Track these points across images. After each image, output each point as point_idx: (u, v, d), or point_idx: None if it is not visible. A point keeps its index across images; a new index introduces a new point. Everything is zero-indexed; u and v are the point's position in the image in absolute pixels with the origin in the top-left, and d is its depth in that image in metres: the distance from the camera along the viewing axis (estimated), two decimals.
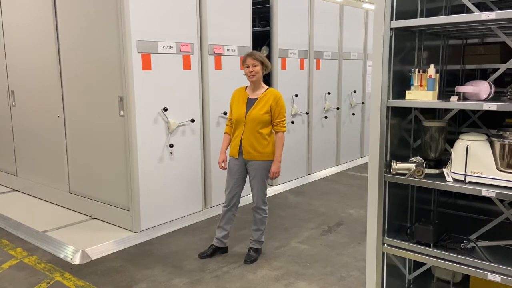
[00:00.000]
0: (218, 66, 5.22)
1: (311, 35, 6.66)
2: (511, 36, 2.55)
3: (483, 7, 2.81)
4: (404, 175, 2.51)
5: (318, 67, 6.87)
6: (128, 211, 4.60)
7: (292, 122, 6.41)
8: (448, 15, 2.89)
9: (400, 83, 2.59)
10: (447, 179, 2.41)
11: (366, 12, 7.97)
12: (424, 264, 2.91)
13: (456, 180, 2.40)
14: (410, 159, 2.62)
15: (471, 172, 2.35)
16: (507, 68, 2.52)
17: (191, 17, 4.84)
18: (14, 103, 6.03)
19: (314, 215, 5.23)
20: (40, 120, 5.62)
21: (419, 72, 2.50)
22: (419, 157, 2.61)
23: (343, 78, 7.49)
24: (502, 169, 2.28)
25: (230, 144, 3.98)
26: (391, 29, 2.46)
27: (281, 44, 6.14)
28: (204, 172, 5.23)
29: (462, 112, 3.10)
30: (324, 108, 7.09)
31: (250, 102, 3.85)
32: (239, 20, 5.46)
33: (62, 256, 4.12)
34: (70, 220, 4.96)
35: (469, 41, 3.19)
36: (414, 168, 2.47)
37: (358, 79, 7.95)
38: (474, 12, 2.25)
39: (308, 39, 6.64)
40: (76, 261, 4.01)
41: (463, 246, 2.47)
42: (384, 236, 2.65)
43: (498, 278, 2.27)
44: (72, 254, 4.10)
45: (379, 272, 2.69)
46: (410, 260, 3.01)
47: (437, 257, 2.46)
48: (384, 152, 2.55)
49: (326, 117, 7.17)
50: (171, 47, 4.64)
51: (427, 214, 3.10)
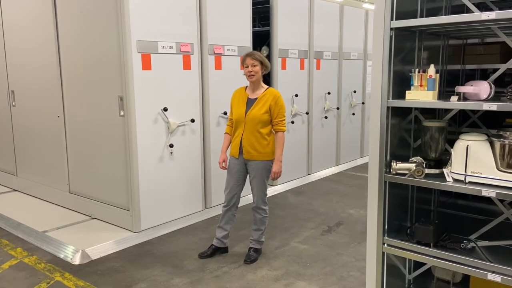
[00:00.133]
0: (218, 66, 5.22)
1: (311, 35, 6.66)
2: (511, 36, 2.55)
3: (483, 7, 2.82)
4: (404, 175, 2.51)
5: (318, 67, 6.87)
6: (128, 211, 4.60)
7: (292, 122, 6.41)
8: (448, 15, 2.89)
9: (400, 83, 2.59)
10: (447, 179, 2.41)
11: (366, 12, 7.97)
12: (424, 264, 2.91)
13: (456, 180, 2.40)
14: (410, 159, 2.62)
15: (471, 172, 2.35)
16: (507, 68, 2.52)
17: (191, 17, 4.84)
18: (14, 103, 6.03)
19: (314, 215, 5.24)
20: (40, 120, 5.62)
21: (419, 72, 2.50)
22: (419, 157, 2.61)
23: (343, 78, 7.49)
24: (502, 169, 2.28)
25: (231, 144, 3.98)
26: (391, 29, 2.46)
27: (281, 44, 6.14)
28: (204, 172, 5.23)
29: (462, 112, 3.10)
30: (324, 108, 7.09)
31: (250, 102, 3.85)
32: (239, 20, 5.46)
33: (62, 256, 4.12)
34: (70, 220, 4.96)
35: (469, 41, 3.19)
36: (414, 168, 2.47)
37: (358, 79, 7.95)
38: (474, 12, 2.25)
39: (308, 39, 6.64)
40: (76, 261, 4.01)
41: (463, 246, 2.47)
42: (384, 236, 2.65)
43: (498, 278, 2.27)
44: (72, 254, 4.10)
45: (379, 272, 2.69)
46: (410, 260, 3.01)
47: (437, 257, 2.46)
48: (384, 152, 2.55)
49: (326, 117, 7.17)
50: (171, 47, 4.64)
51: (427, 214, 3.10)
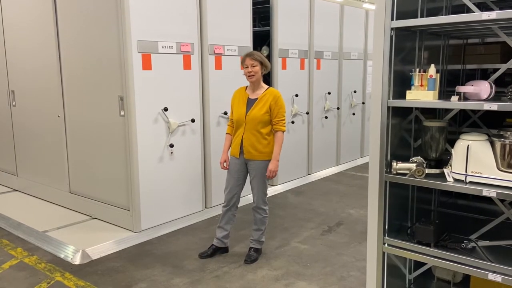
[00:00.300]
0: (219, 66, 5.22)
1: (311, 35, 6.65)
2: None
3: (483, 7, 2.81)
4: (404, 175, 2.51)
5: (319, 67, 6.87)
6: (129, 211, 4.60)
7: (292, 122, 6.41)
8: (448, 15, 2.89)
9: (400, 83, 2.59)
10: (448, 179, 2.41)
11: (366, 12, 7.97)
12: (424, 264, 2.91)
13: (456, 180, 2.40)
14: (411, 159, 2.62)
15: (472, 172, 2.35)
16: (508, 68, 2.52)
17: (192, 17, 4.84)
18: (14, 103, 6.03)
19: (314, 215, 5.23)
20: (40, 120, 5.62)
21: (419, 72, 2.50)
22: (419, 157, 2.60)
23: (344, 78, 7.49)
24: (503, 169, 2.28)
25: (231, 143, 3.98)
26: (392, 29, 2.46)
27: (281, 44, 6.14)
28: (204, 172, 5.23)
29: (462, 112, 3.10)
30: (324, 108, 7.09)
31: (250, 102, 3.85)
32: (239, 20, 5.46)
33: (62, 256, 4.12)
34: (70, 220, 4.96)
35: (469, 41, 3.19)
36: (415, 168, 2.47)
37: (358, 79, 7.95)
38: (474, 12, 2.25)
39: (309, 39, 6.64)
40: (77, 261, 4.01)
41: (463, 246, 2.47)
42: (384, 236, 2.64)
43: (498, 278, 2.27)
44: (72, 254, 4.10)
45: (379, 272, 2.69)
46: (410, 260, 3.01)
47: (437, 257, 2.46)
48: (385, 152, 2.55)
49: (326, 117, 7.17)
50: (172, 47, 4.64)
51: (427, 214, 3.10)
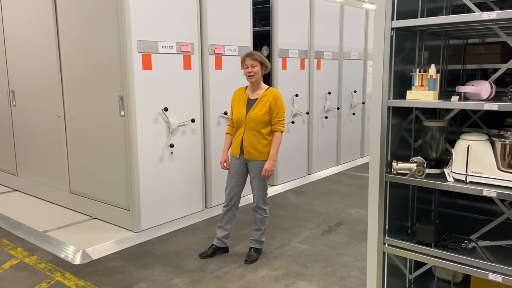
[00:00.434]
0: (219, 66, 5.21)
1: (312, 35, 6.65)
2: None
3: (484, 7, 2.81)
4: (405, 175, 2.51)
5: (319, 67, 6.87)
6: (129, 211, 4.60)
7: (293, 122, 6.41)
8: (449, 15, 2.89)
9: (400, 83, 2.59)
10: (448, 179, 2.41)
11: (367, 12, 7.97)
12: (425, 264, 2.91)
13: (457, 180, 2.40)
14: (411, 159, 2.61)
15: (472, 172, 2.35)
16: (508, 68, 2.52)
17: (192, 17, 4.84)
18: (14, 103, 6.03)
19: (315, 215, 5.23)
20: (40, 120, 5.62)
21: (420, 72, 2.50)
22: (420, 157, 2.60)
23: (344, 78, 7.49)
24: (503, 169, 2.28)
25: (232, 143, 3.98)
26: (392, 29, 2.46)
27: (281, 44, 6.14)
28: (204, 172, 5.23)
29: (463, 112, 3.09)
30: (325, 108, 7.09)
31: (250, 103, 3.85)
32: (239, 20, 5.46)
33: (62, 256, 4.12)
34: (70, 220, 4.96)
35: (469, 41, 3.19)
36: (415, 168, 2.47)
37: (358, 79, 7.95)
38: (475, 12, 2.25)
39: (309, 39, 6.64)
40: (77, 261, 4.01)
41: (464, 246, 2.47)
42: (385, 236, 2.64)
43: (499, 278, 2.27)
44: (72, 254, 4.10)
45: (379, 272, 2.69)
46: (411, 260, 3.01)
47: (438, 257, 2.46)
48: (385, 152, 2.55)
49: (326, 117, 7.17)
50: (172, 47, 4.64)
51: (428, 214, 3.10)
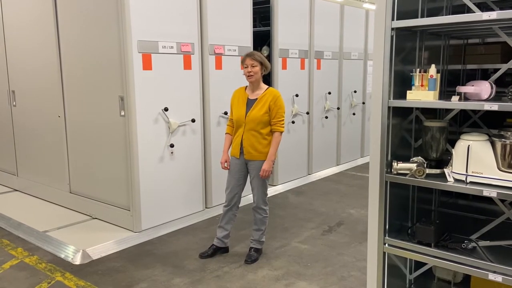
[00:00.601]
0: (219, 66, 5.22)
1: (312, 35, 6.65)
2: None
3: (484, 7, 2.81)
4: (405, 175, 2.51)
5: (319, 67, 6.87)
6: (129, 211, 4.60)
7: (293, 122, 6.41)
8: (449, 15, 2.89)
9: (401, 83, 2.59)
10: (448, 179, 2.41)
11: (367, 12, 7.97)
12: (425, 264, 2.91)
13: (457, 180, 2.40)
14: (411, 159, 2.61)
15: (472, 172, 2.35)
16: (508, 68, 2.52)
17: (192, 17, 4.84)
18: (14, 103, 6.04)
19: (315, 215, 5.23)
20: (40, 120, 5.62)
21: (420, 72, 2.50)
22: (420, 157, 2.60)
23: (344, 78, 7.49)
24: (503, 169, 2.28)
25: (232, 143, 3.98)
26: (392, 29, 2.46)
27: (281, 44, 6.14)
28: (204, 172, 5.23)
29: (463, 112, 3.10)
30: (325, 108, 7.09)
31: (249, 103, 3.85)
32: (239, 20, 5.46)
33: (63, 256, 4.12)
34: (70, 220, 4.96)
35: (470, 41, 3.19)
36: (415, 168, 2.47)
37: (358, 79, 7.95)
38: (475, 12, 2.25)
39: (309, 39, 6.64)
40: (77, 261, 4.01)
41: (464, 246, 2.47)
42: (385, 236, 2.64)
43: (499, 278, 2.27)
44: (72, 254, 4.10)
45: (380, 272, 2.69)
46: (411, 260, 3.01)
47: (438, 257, 2.46)
48: (385, 152, 2.55)
49: (326, 117, 7.17)
50: (172, 47, 4.64)
51: (428, 214, 3.10)
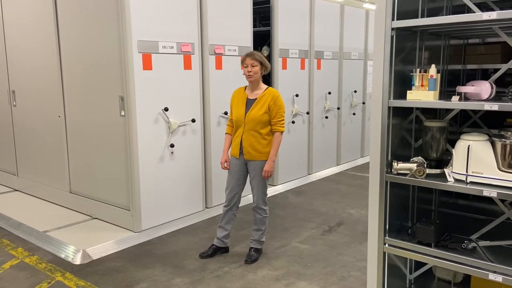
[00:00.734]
0: (219, 66, 5.22)
1: (312, 35, 6.65)
2: None
3: (484, 7, 2.81)
4: (405, 175, 2.51)
5: (319, 67, 6.87)
6: (129, 211, 4.60)
7: (293, 122, 6.41)
8: (449, 15, 2.89)
9: (401, 83, 2.59)
10: (449, 179, 2.41)
11: (367, 12, 7.97)
12: (425, 264, 2.91)
13: (457, 180, 2.40)
14: (411, 159, 2.62)
15: (473, 172, 2.35)
16: (508, 68, 2.52)
17: (192, 17, 4.84)
18: (15, 103, 6.04)
19: (315, 215, 5.23)
20: (41, 120, 5.62)
21: (420, 72, 2.50)
22: (420, 157, 2.61)
23: (344, 78, 7.49)
24: (504, 169, 2.28)
25: (231, 143, 3.98)
26: (392, 29, 2.46)
27: (281, 44, 6.14)
28: (205, 172, 5.23)
29: (463, 112, 3.10)
30: (325, 108, 7.09)
31: (249, 103, 3.85)
32: (239, 20, 5.46)
33: (63, 256, 4.13)
34: (71, 220, 4.96)
35: (470, 41, 3.19)
36: (415, 168, 2.47)
37: (358, 79, 7.95)
38: (475, 12, 2.25)
39: (309, 39, 6.64)
40: (77, 261, 4.01)
41: (464, 246, 2.47)
42: (385, 236, 2.64)
43: (499, 278, 2.27)
44: (73, 254, 4.10)
45: (380, 272, 2.69)
46: (411, 260, 3.01)
47: (438, 257, 2.46)
48: (385, 152, 2.55)
49: (326, 117, 7.17)
50: (172, 47, 4.64)
51: (428, 214, 3.10)
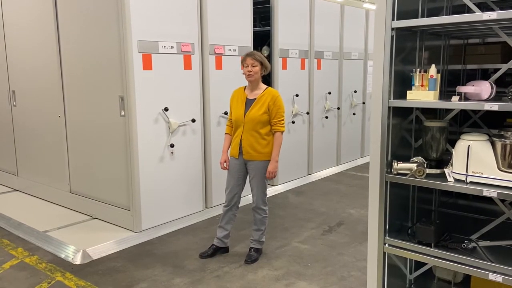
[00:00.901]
0: (219, 66, 5.22)
1: (312, 35, 6.65)
2: None
3: (484, 7, 2.81)
4: (405, 175, 2.51)
5: (319, 67, 6.87)
6: (129, 211, 4.60)
7: (293, 122, 6.41)
8: (449, 15, 2.89)
9: (401, 83, 2.59)
10: (449, 179, 2.41)
11: (367, 12, 7.97)
12: (425, 264, 2.91)
13: (457, 180, 2.40)
14: (411, 159, 2.62)
15: (472, 172, 2.35)
16: (508, 68, 2.52)
17: (192, 17, 4.84)
18: (15, 103, 6.04)
19: (315, 215, 5.23)
20: (41, 120, 5.62)
21: (420, 72, 2.50)
22: (420, 157, 2.61)
23: (344, 78, 7.49)
24: (504, 169, 2.28)
25: (231, 144, 3.98)
26: (392, 29, 2.46)
27: (281, 44, 6.14)
28: (205, 172, 5.23)
29: (463, 112, 3.10)
30: (325, 108, 7.09)
31: (248, 103, 3.85)
32: (239, 20, 5.46)
33: (63, 256, 4.13)
34: (71, 220, 4.96)
35: (470, 41, 3.19)
36: (415, 168, 2.47)
37: (358, 79, 7.95)
38: (475, 12, 2.25)
39: (309, 39, 6.64)
40: (77, 261, 4.01)
41: (464, 246, 2.47)
42: (385, 236, 2.64)
43: (499, 278, 2.27)
44: (73, 254, 4.10)
45: (380, 272, 2.69)
46: (411, 260, 3.01)
47: (438, 257, 2.46)
48: (385, 152, 2.55)
49: (326, 117, 7.17)
50: (172, 47, 4.64)
51: (428, 214, 3.10)
